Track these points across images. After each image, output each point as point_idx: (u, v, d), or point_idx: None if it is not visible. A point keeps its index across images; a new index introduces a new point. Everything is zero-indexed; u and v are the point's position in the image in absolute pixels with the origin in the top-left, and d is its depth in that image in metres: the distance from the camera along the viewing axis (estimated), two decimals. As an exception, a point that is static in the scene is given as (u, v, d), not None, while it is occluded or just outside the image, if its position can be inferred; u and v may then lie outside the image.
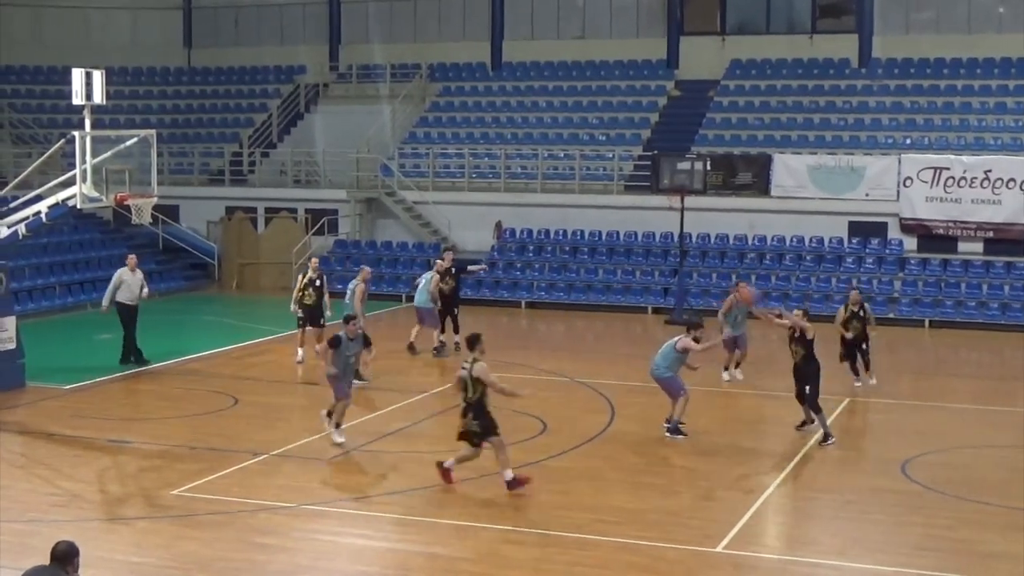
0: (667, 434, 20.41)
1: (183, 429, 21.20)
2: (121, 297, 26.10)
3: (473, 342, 17.59)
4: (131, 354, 26.24)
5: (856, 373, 24.39)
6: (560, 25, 45.25)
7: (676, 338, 20.66)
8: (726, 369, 24.93)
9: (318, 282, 26.15)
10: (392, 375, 25.41)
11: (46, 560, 10.22)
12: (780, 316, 21.40)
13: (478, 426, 17.24)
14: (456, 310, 28.36)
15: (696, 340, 20.44)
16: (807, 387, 20.36)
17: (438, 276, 27.78)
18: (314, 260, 27.29)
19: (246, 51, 48.12)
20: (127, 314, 26.23)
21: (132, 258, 26.72)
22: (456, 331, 28.01)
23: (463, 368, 17.38)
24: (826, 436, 20.11)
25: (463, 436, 17.43)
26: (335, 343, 19.79)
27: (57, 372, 25.34)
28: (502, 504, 16.84)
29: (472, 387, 17.22)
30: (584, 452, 19.75)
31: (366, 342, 21.64)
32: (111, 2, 47.59)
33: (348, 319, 20.64)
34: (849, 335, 24.13)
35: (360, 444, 20.03)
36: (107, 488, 18.40)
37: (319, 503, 17.03)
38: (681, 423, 20.48)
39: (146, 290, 26.53)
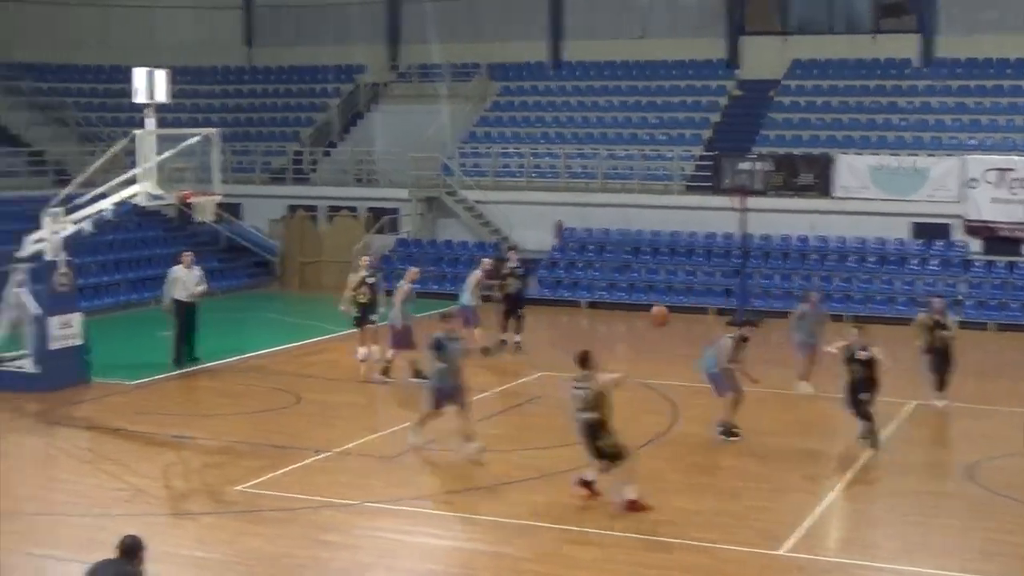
0: (720, 436, 20.29)
1: (246, 426, 21.34)
2: (177, 294, 26.21)
3: (586, 360, 16.62)
4: (182, 351, 26.30)
5: (941, 389, 22.89)
6: (620, 25, 45.11)
7: (726, 335, 20.57)
8: (802, 380, 23.92)
9: (371, 280, 26.01)
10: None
11: (113, 554, 10.31)
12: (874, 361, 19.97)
13: (612, 443, 16.53)
14: (521, 311, 28.38)
15: (744, 339, 20.34)
16: (861, 395, 19.75)
17: (480, 274, 27.80)
18: (364, 258, 27.14)
19: (307, 50, 48.30)
20: (181, 311, 26.30)
21: (187, 255, 26.79)
22: (518, 331, 28.00)
23: (577, 389, 16.55)
24: (873, 439, 19.70)
25: (612, 457, 16.57)
26: (437, 346, 18.95)
27: (122, 368, 25.56)
28: (565, 504, 16.80)
29: (596, 405, 16.45)
30: (646, 453, 19.61)
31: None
32: (174, 1, 47.96)
33: (446, 316, 19.41)
34: (937, 345, 22.74)
35: (422, 442, 20.05)
36: (172, 483, 18.55)
37: (382, 501, 17.07)
38: (734, 426, 20.32)
39: (202, 287, 26.50)
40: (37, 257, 24.41)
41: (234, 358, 27.19)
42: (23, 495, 17.36)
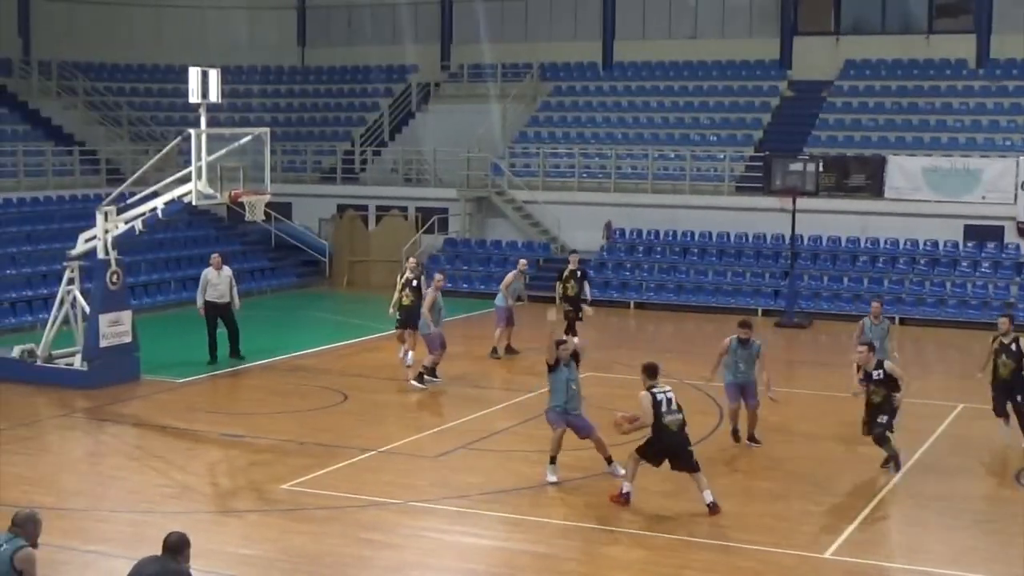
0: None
1: (293, 424, 21.41)
2: (209, 296, 26.22)
3: (656, 370, 16.76)
4: (215, 352, 26.30)
5: (1005, 416, 20.03)
6: (672, 25, 45.02)
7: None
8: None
9: (415, 282, 25.43)
10: (499, 374, 25.47)
11: (159, 550, 10.38)
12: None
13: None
14: (580, 314, 27.98)
15: (741, 340, 19.69)
16: (881, 419, 18.39)
17: (516, 272, 27.92)
18: (411, 260, 26.80)
19: (358, 50, 48.49)
20: (212, 312, 26.29)
21: (216, 257, 26.74)
22: (574, 333, 27.65)
23: (664, 392, 16.49)
24: (894, 463, 18.53)
25: (696, 466, 16.73)
26: (553, 366, 17.98)
27: (171, 366, 25.73)
28: (608, 505, 16.78)
29: (680, 406, 16.65)
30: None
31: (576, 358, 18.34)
32: (227, 2, 48.24)
33: (558, 344, 18.11)
34: (1001, 374, 19.87)
35: (467, 442, 20.08)
36: (218, 481, 18.67)
37: (426, 500, 17.10)
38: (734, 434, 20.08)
39: (236, 299, 26.42)
40: (89, 255, 24.64)
41: (282, 356, 27.30)
42: (71, 490, 17.54)
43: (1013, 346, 19.70)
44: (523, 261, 28.75)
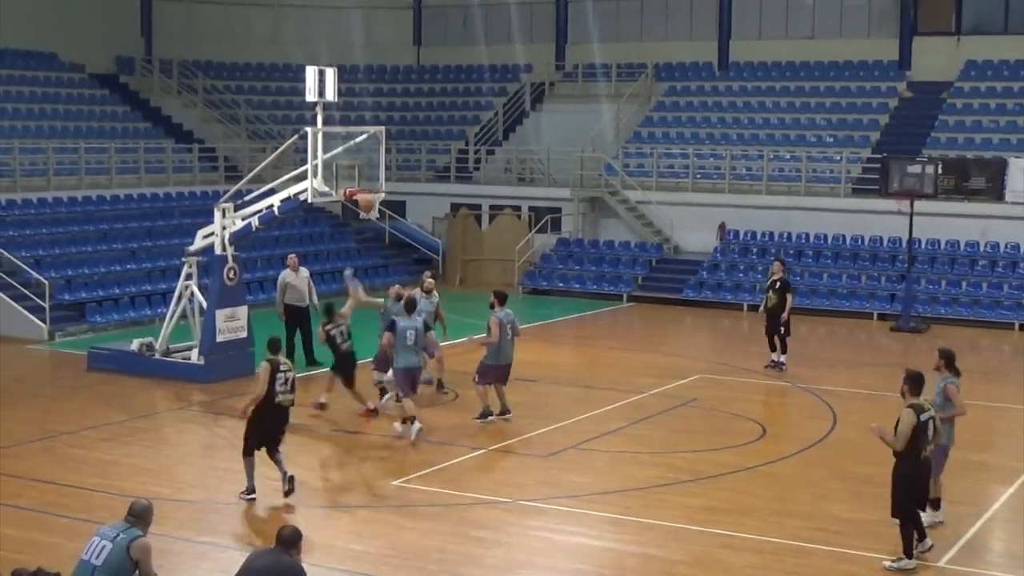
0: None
1: (404, 421, 21.50)
2: (288, 299, 25.89)
3: (920, 381, 14.72)
4: (308, 356, 25.83)
5: None
6: (789, 25, 44.61)
7: None
8: None
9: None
10: (610, 375, 25.41)
11: (272, 543, 10.53)
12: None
13: None
14: (782, 329, 26.13)
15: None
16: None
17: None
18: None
19: (473, 50, 48.64)
20: (293, 316, 25.93)
21: (292, 258, 26.40)
22: (784, 350, 26.34)
23: (923, 415, 14.44)
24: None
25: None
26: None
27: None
28: (718, 508, 16.69)
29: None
30: (804, 459, 19.45)
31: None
32: (345, 2, 48.72)
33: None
34: None
35: (577, 442, 20.06)
36: (330, 476, 18.85)
37: (535, 499, 17.12)
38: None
39: (315, 296, 26.11)
40: (207, 251, 25.01)
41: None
42: (187, 482, 17.85)
43: None
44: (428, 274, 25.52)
